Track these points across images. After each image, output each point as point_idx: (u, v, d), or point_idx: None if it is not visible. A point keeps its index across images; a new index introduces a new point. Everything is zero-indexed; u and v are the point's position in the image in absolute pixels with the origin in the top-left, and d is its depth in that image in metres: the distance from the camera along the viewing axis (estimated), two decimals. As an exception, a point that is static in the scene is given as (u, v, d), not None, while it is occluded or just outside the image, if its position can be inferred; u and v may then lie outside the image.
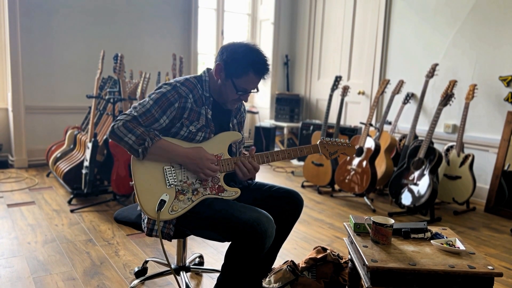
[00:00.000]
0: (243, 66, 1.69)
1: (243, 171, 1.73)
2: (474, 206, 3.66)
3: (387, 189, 3.71)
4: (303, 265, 2.07)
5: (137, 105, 1.68)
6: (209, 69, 1.82)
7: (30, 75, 4.45)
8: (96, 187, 3.51)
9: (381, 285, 1.43)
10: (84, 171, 3.40)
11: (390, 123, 4.39)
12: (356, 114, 5.11)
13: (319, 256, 2.07)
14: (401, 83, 4.05)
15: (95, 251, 2.50)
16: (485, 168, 3.79)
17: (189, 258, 2.26)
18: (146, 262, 2.21)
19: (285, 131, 5.65)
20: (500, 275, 1.40)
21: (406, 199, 3.35)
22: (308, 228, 3.04)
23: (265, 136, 5.56)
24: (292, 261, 2.10)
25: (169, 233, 1.70)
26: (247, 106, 6.19)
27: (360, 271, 1.56)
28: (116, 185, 3.28)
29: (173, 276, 2.15)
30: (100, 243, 2.62)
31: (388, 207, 3.59)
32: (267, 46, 5.95)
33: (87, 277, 2.17)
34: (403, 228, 1.69)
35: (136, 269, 2.17)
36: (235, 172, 1.75)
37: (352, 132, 4.64)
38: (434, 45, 4.18)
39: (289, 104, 5.73)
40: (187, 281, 1.95)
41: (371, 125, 3.76)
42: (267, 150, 4.76)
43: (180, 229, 1.73)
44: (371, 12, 4.84)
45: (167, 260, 1.67)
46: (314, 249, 2.18)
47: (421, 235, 1.67)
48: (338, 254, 2.13)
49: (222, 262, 1.66)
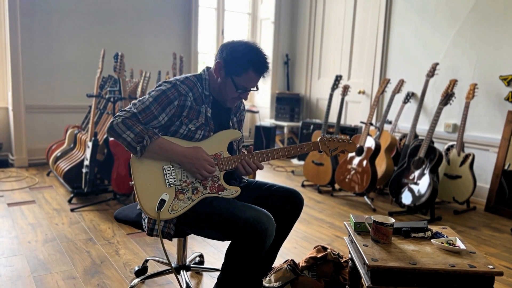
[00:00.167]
0: (243, 64, 1.68)
1: (248, 171, 1.74)
2: (474, 205, 3.66)
3: (387, 188, 3.71)
4: (304, 264, 2.07)
5: (137, 102, 1.68)
6: (208, 68, 1.82)
7: (30, 74, 4.44)
8: (96, 186, 3.51)
9: (382, 284, 1.43)
10: (84, 170, 3.40)
11: (390, 123, 4.39)
12: (356, 113, 5.11)
13: (320, 255, 2.07)
14: (401, 83, 4.05)
15: (96, 250, 2.50)
16: (485, 167, 3.79)
17: (190, 257, 2.26)
18: (146, 261, 2.21)
19: (286, 131, 5.65)
20: (500, 274, 1.40)
21: (406, 198, 3.35)
22: (308, 227, 3.04)
23: (265, 135, 5.56)
24: (292, 260, 2.10)
25: (170, 232, 1.70)
26: (248, 105, 6.19)
27: (360, 270, 1.56)
28: (116, 184, 3.28)
29: (173, 275, 2.15)
30: (100, 242, 2.63)
31: (388, 207, 3.59)
32: (267, 45, 5.95)
33: (88, 276, 2.17)
34: (403, 227, 1.69)
35: (136, 268, 2.18)
36: (237, 170, 1.76)
37: (352, 131, 4.64)
38: (434, 45, 4.18)
39: (289, 103, 5.73)
40: (187, 280, 1.95)
41: (372, 124, 3.76)
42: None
43: (180, 228, 1.73)
44: (371, 11, 4.84)
45: (168, 259, 1.66)
46: (314, 248, 2.18)
47: (421, 234, 1.67)
48: (338, 253, 2.13)
49: (222, 261, 1.66)
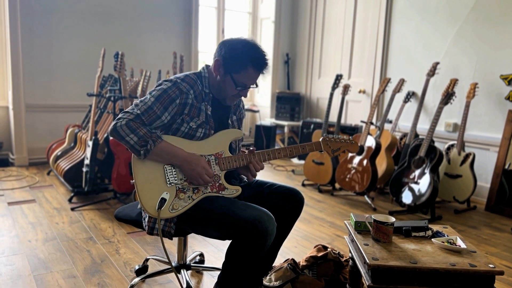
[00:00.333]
0: (242, 61, 1.68)
1: (253, 173, 1.76)
2: (474, 204, 3.65)
3: (387, 187, 3.71)
4: (304, 263, 2.07)
5: (139, 102, 1.67)
6: (208, 66, 1.82)
7: (30, 74, 4.44)
8: (96, 185, 3.50)
9: (382, 283, 1.43)
10: (84, 169, 3.40)
11: (390, 122, 4.39)
12: (356, 112, 5.11)
13: (320, 254, 2.07)
14: (402, 82, 4.04)
15: (96, 249, 2.50)
16: (486, 166, 3.78)
17: (190, 256, 2.26)
18: (146, 260, 2.21)
19: (286, 130, 5.64)
20: (501, 273, 1.40)
21: (406, 197, 3.35)
22: (308, 226, 3.04)
23: (265, 134, 5.56)
24: (292, 259, 2.10)
25: (170, 231, 1.70)
26: (248, 104, 6.18)
27: (361, 269, 1.56)
28: (116, 183, 3.28)
29: (173, 274, 2.15)
30: (100, 241, 2.63)
31: (388, 206, 3.59)
32: (267, 44, 5.94)
33: (88, 275, 2.18)
34: (404, 226, 1.69)
35: (136, 267, 2.17)
36: (248, 172, 1.77)
37: (352, 130, 4.64)
38: (435, 44, 4.18)
39: (289, 102, 5.72)
40: (187, 279, 1.94)
41: (372, 123, 3.76)
42: (267, 148, 4.76)
43: (180, 227, 1.73)
44: (372, 10, 4.83)
45: (168, 258, 1.66)
46: (314, 247, 2.18)
47: (422, 234, 1.67)
48: (338, 252, 2.13)
49: (223, 260, 1.66)
